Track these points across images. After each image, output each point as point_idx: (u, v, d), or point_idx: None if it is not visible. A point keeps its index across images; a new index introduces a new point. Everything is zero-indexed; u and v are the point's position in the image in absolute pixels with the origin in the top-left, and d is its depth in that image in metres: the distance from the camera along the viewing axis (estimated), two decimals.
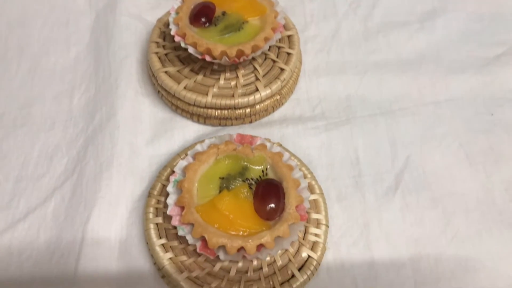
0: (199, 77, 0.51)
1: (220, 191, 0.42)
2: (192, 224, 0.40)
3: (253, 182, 0.42)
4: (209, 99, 0.49)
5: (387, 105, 0.56)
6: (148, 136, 0.52)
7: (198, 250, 0.39)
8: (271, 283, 0.42)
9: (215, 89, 0.50)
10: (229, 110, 0.51)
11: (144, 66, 0.57)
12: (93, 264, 0.43)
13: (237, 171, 0.43)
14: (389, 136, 0.53)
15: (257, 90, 0.51)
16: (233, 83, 0.51)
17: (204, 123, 0.53)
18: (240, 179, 0.42)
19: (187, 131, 0.53)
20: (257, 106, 0.51)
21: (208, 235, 0.38)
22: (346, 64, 0.59)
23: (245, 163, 0.43)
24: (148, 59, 0.53)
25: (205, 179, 0.43)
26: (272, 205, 0.40)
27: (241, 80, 0.51)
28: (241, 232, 0.40)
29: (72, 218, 0.45)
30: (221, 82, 0.51)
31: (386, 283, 0.44)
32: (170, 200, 0.41)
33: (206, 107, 0.50)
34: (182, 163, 0.43)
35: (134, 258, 0.44)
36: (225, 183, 0.42)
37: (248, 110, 0.51)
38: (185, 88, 0.50)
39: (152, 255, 0.43)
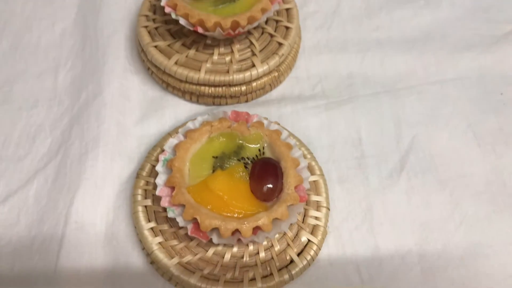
0: (191, 52, 0.48)
1: (213, 171, 0.39)
2: (183, 206, 0.37)
3: (249, 162, 0.39)
4: (202, 75, 0.46)
5: (391, 83, 0.53)
6: (137, 115, 0.49)
7: (189, 233, 0.36)
8: (268, 269, 0.39)
9: (208, 65, 0.47)
10: (224, 88, 0.47)
11: (133, 43, 0.53)
12: (77, 250, 0.40)
13: (231, 150, 0.40)
14: (393, 115, 0.50)
15: (253, 65, 0.47)
16: (227, 58, 0.48)
17: (197, 102, 0.49)
18: (235, 158, 0.40)
19: (179, 110, 0.50)
20: (254, 84, 0.48)
21: (200, 216, 0.35)
22: (347, 42, 0.56)
23: (241, 142, 0.40)
24: (137, 33, 0.50)
25: (197, 159, 0.40)
26: (270, 185, 0.37)
27: (237, 55, 0.48)
28: (236, 214, 0.37)
29: (55, 201, 0.42)
30: (215, 57, 0.48)
31: (390, 269, 0.42)
32: (159, 180, 0.38)
33: (198, 83, 0.47)
34: (172, 141, 0.40)
35: (121, 243, 0.41)
36: (219, 162, 0.39)
37: (244, 87, 0.48)
38: (176, 63, 0.47)
39: (140, 240, 0.40)
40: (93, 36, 0.53)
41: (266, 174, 0.38)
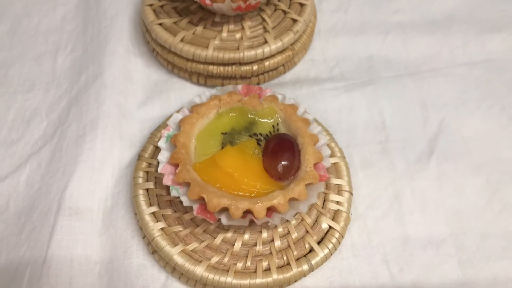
0: (199, 29, 0.44)
1: (222, 148, 0.35)
2: (188, 185, 0.32)
3: (262, 138, 0.35)
4: (210, 53, 0.43)
5: (414, 66, 0.49)
6: (140, 98, 0.45)
7: (195, 212, 0.32)
8: (284, 258, 0.34)
9: (216, 42, 0.43)
10: (234, 67, 0.44)
11: (137, 25, 0.50)
12: (70, 238, 0.36)
13: (242, 125, 0.36)
14: (419, 98, 0.46)
15: (266, 42, 0.44)
16: (238, 35, 0.44)
17: (205, 84, 0.46)
18: (246, 134, 0.35)
19: (185, 93, 0.46)
20: (266, 63, 0.44)
21: (207, 195, 0.31)
22: (366, 24, 0.52)
23: (252, 116, 0.36)
24: (142, 12, 0.47)
25: (205, 135, 0.36)
26: (285, 162, 0.33)
27: (248, 32, 0.44)
28: (247, 193, 0.32)
29: (48, 187, 0.38)
30: (224, 34, 0.44)
31: (423, 262, 0.37)
32: (162, 157, 0.34)
33: (206, 62, 0.43)
34: (177, 116, 0.36)
35: (119, 231, 0.37)
36: (229, 138, 0.35)
37: (255, 66, 0.44)
38: (182, 40, 0.43)
39: (141, 227, 0.36)
40: (95, 18, 0.50)
41: (281, 151, 0.34)
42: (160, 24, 0.45)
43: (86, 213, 0.37)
